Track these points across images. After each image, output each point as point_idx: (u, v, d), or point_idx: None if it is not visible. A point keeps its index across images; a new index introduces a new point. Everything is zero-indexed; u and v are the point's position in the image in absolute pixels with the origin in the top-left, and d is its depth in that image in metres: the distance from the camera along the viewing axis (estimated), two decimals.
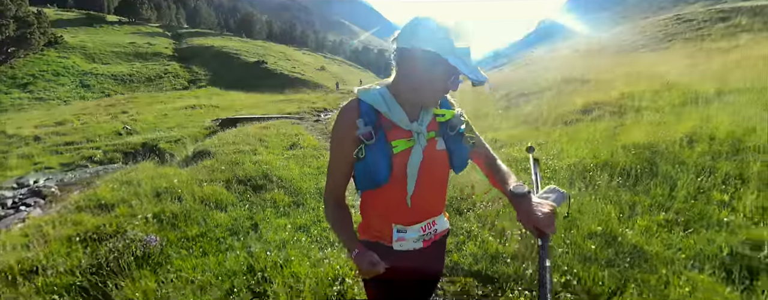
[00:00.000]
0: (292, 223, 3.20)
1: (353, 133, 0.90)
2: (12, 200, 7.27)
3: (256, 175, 4.51)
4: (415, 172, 0.92)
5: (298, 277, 2.25)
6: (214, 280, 2.38)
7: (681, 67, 11.47)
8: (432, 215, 1.01)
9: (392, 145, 0.91)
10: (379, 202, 0.99)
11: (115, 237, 2.95)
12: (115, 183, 4.19)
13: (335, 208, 0.99)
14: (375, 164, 0.89)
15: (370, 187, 0.93)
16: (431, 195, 0.99)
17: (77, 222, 3.29)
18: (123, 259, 2.64)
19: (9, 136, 11.89)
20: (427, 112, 0.95)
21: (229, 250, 2.78)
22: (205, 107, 19.78)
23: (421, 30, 0.83)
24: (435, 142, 0.96)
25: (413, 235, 0.99)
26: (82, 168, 9.49)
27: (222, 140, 6.92)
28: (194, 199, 3.62)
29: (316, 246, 2.74)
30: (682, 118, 3.88)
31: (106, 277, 2.48)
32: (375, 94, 0.93)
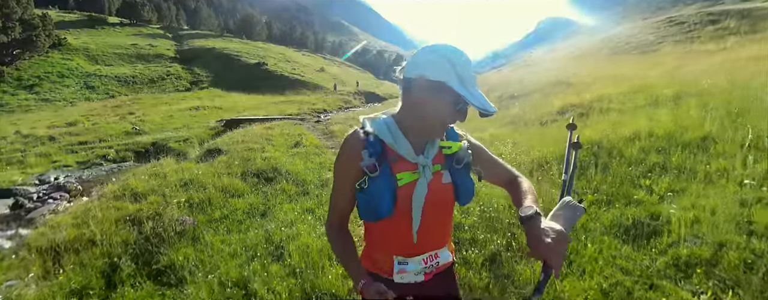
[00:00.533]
0: (300, 207, 3.81)
1: (357, 163, 0.89)
2: (37, 195, 7.88)
3: (266, 169, 5.12)
4: (420, 207, 0.91)
5: (308, 245, 2.86)
6: (240, 250, 2.99)
7: (663, 70, 12.10)
8: (435, 248, 1.00)
9: (397, 177, 0.90)
10: (381, 234, 0.99)
11: (154, 219, 3.56)
12: (144, 176, 4.81)
13: (339, 238, 0.98)
14: (378, 197, 0.88)
15: (372, 219, 0.92)
16: (435, 228, 0.98)
17: (118, 207, 3.90)
18: (165, 235, 3.26)
19: (24, 136, 12.50)
20: (433, 145, 0.94)
21: (250, 229, 3.39)
22: (208, 108, 20.38)
23: (427, 59, 0.83)
24: (440, 175, 0.95)
25: (414, 268, 0.97)
26: (97, 166, 10.09)
27: (232, 139, 7.53)
28: (216, 189, 4.23)
29: (320, 223, 3.35)
30: (636, 118, 4.50)
31: (153, 248, 3.09)
32: (381, 124, 0.93)
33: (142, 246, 3.11)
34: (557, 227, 0.77)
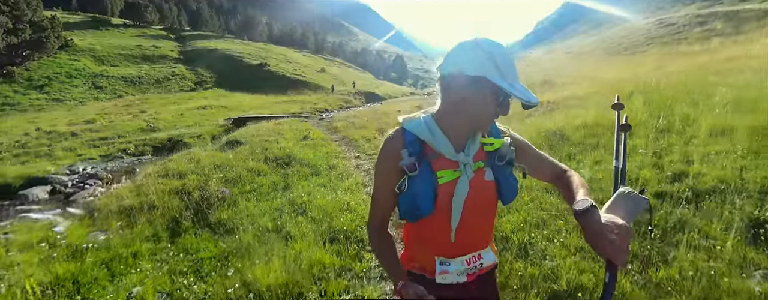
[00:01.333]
0: (314, 182, 4.72)
1: (397, 163, 0.89)
2: (71, 182, 8.80)
3: (282, 156, 6.03)
4: (461, 205, 0.90)
5: (323, 205, 3.77)
6: (270, 211, 3.89)
7: (641, 70, 13.01)
8: (478, 248, 0.98)
9: (437, 175, 0.89)
10: (422, 234, 0.98)
11: (199, 190, 4.47)
12: (182, 160, 5.72)
13: (380, 238, 0.98)
14: (418, 196, 0.88)
15: (412, 218, 0.92)
16: (477, 228, 0.97)
17: (166, 183, 4.80)
18: (209, 201, 4.17)
19: (48, 133, 13.39)
20: (473, 142, 0.92)
21: (275, 198, 4.30)
22: (215, 107, 21.28)
23: (465, 55, 0.82)
24: (483, 172, 0.93)
25: (457, 268, 0.96)
26: (119, 159, 10.99)
27: (248, 133, 8.44)
28: (244, 170, 5.14)
29: (332, 192, 4.25)
30: (589, 111, 5.40)
31: (202, 210, 4.00)
32: (419, 123, 0.92)
33: (193, 208, 4.03)
34: (619, 221, 0.73)
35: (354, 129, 9.85)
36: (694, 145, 3.18)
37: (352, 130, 9.72)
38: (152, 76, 36.50)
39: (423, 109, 1.00)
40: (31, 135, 13.24)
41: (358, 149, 7.35)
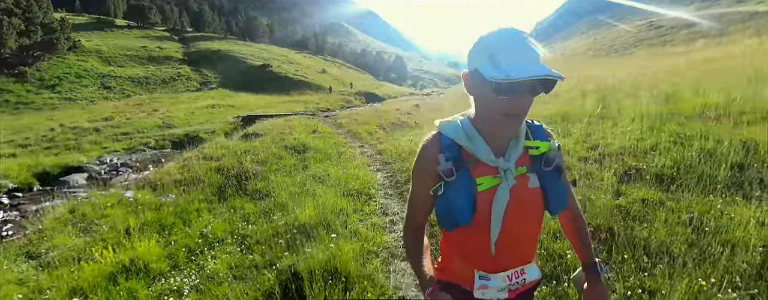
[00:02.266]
0: (328, 164, 5.74)
1: (434, 168, 0.85)
2: (103, 170, 9.82)
3: (297, 145, 7.05)
4: (501, 214, 0.83)
5: (338, 176, 4.79)
6: (295, 183, 4.91)
7: (625, 71, 14.04)
8: (521, 263, 0.91)
9: (476, 182, 0.83)
10: (460, 244, 0.92)
11: (235, 168, 5.49)
12: (213, 147, 6.74)
13: (413, 242, 0.95)
14: (455, 203, 0.83)
15: (449, 227, 0.86)
16: (520, 239, 0.90)
17: (206, 163, 5.82)
18: (245, 176, 5.19)
19: (72, 128, 14.39)
20: (516, 145, 0.85)
21: (297, 174, 5.31)
22: (223, 107, 22.31)
23: (471, 51, 0.80)
24: (526, 178, 0.86)
25: (497, 284, 0.89)
26: (141, 151, 12.00)
27: (264, 127, 9.47)
28: (268, 154, 6.16)
29: (342, 169, 5.27)
30: (557, 106, 6.43)
31: (241, 182, 5.02)
32: (456, 126, 0.87)
33: (233, 181, 5.05)
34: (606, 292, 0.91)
35: (357, 124, 10.86)
36: (616, 126, 4.20)
37: (356, 125, 10.73)
38: (158, 76, 37.54)
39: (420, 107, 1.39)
40: (56, 130, 14.25)
41: (361, 140, 8.36)
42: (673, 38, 25.94)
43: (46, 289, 2.58)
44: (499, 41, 0.75)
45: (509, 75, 0.69)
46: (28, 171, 9.33)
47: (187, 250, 3.16)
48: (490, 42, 0.76)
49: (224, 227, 3.62)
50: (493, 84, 0.72)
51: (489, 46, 0.76)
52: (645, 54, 23.00)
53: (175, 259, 3.00)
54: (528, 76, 0.68)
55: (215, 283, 2.47)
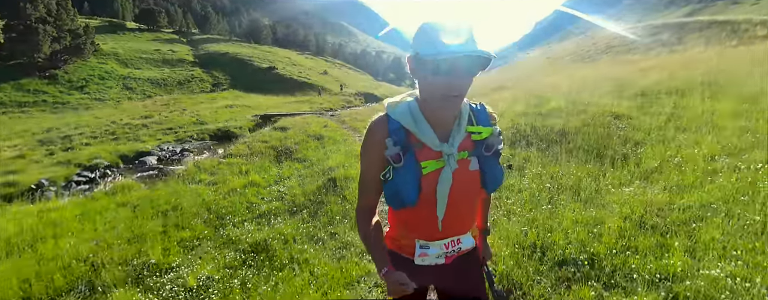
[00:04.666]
0: (339, 146, 9.04)
1: (382, 152, 0.90)
2: (165, 155, 13.08)
3: (315, 134, 10.34)
4: (445, 196, 0.91)
5: (344, 151, 8.09)
6: (320, 154, 8.22)
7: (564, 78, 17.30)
8: (458, 233, 1.02)
9: (421, 166, 0.90)
10: (405, 219, 1.01)
11: (281, 147, 8.80)
12: (257, 136, 10.03)
13: (367, 224, 0.99)
14: (403, 187, 0.89)
15: (396, 207, 0.93)
16: (459, 215, 0.98)
17: (261, 144, 9.12)
18: (289, 150, 8.52)
19: (125, 124, 17.64)
20: (458, 130, 0.91)
21: (319, 150, 8.61)
22: (239, 107, 25.53)
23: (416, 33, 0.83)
24: (467, 162, 0.93)
25: (436, 251, 1.00)
26: (189, 142, 15.26)
27: (287, 123, 12.75)
28: (298, 140, 9.47)
29: (347, 147, 8.56)
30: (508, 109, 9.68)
31: (287, 154, 8.35)
32: (404, 109, 0.91)
33: (282, 153, 8.36)
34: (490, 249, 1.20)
35: (357, 121, 14.14)
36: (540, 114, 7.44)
37: (356, 122, 14.01)
38: (174, 78, 40.75)
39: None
40: (114, 125, 17.53)
41: (359, 133, 11.63)
42: (637, 46, 29.16)
43: (220, 187, 5.88)
44: (438, 25, 0.79)
45: (440, 52, 0.74)
46: (112, 154, 12.62)
47: (272, 180, 6.46)
48: (430, 26, 0.80)
49: (289, 172, 6.93)
50: (429, 63, 0.78)
51: (429, 30, 0.80)
52: (608, 61, 26.11)
53: (269, 182, 6.30)
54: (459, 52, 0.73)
55: (292, 188, 5.76)
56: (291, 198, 5.18)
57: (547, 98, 8.56)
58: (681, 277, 1.85)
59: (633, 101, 7.39)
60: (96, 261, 3.70)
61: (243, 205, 5.04)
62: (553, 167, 4.13)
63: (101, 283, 3.39)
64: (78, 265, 3.72)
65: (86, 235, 4.39)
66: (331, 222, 4.02)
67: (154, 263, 3.64)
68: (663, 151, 3.96)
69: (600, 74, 16.00)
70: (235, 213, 4.81)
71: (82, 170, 11.18)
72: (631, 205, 2.81)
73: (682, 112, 5.81)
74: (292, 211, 4.71)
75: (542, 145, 5.21)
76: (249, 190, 5.68)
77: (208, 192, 5.75)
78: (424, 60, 0.79)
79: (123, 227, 4.50)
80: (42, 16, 33.27)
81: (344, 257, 3.07)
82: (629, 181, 3.45)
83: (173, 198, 5.42)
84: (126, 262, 3.70)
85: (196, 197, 5.46)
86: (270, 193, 5.63)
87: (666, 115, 5.84)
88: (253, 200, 5.25)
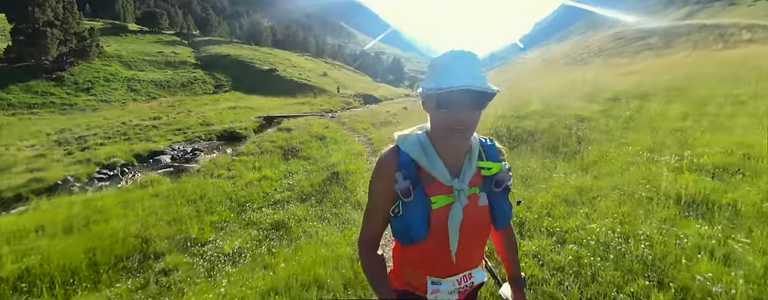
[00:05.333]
0: (339, 145, 9.95)
1: (391, 186, 0.90)
2: (177, 154, 13.95)
3: (318, 135, 11.24)
4: (457, 231, 0.91)
5: (344, 149, 9.00)
6: (323, 152, 9.12)
7: (552, 82, 18.22)
8: (469, 268, 1.01)
9: (431, 201, 0.90)
10: (415, 255, 0.99)
11: (288, 146, 9.70)
12: (265, 136, 10.92)
13: (370, 255, 0.99)
14: (412, 223, 0.89)
15: (406, 242, 0.93)
16: (470, 250, 0.98)
17: (269, 143, 10.02)
18: (295, 149, 9.43)
19: (135, 125, 18.51)
20: (470, 165, 0.93)
21: (321, 150, 9.52)
22: (242, 108, 26.40)
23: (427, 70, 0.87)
24: (477, 198, 0.94)
25: (448, 287, 0.99)
26: (198, 142, 16.12)
27: (291, 124, 13.65)
28: (302, 139, 10.37)
29: (347, 147, 9.47)
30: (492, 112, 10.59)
31: (293, 152, 9.26)
32: (414, 142, 0.92)
33: (289, 151, 9.26)
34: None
35: (356, 123, 15.06)
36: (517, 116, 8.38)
37: (355, 123, 14.92)
38: (177, 80, 41.60)
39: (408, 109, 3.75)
40: (127, 125, 18.40)
41: (358, 134, 12.53)
42: (625, 50, 30.12)
43: (237, 181, 6.78)
44: (445, 61, 0.83)
45: (439, 85, 0.78)
46: (128, 154, 13.49)
47: (282, 174, 7.36)
48: (437, 62, 0.85)
49: (296, 168, 7.83)
50: (432, 98, 0.82)
51: (436, 65, 0.84)
52: (601, 64, 27.07)
53: (280, 176, 7.20)
54: (456, 86, 0.76)
55: (300, 181, 6.66)
56: (300, 189, 6.08)
57: (528, 102, 9.48)
58: (573, 230, 2.75)
59: (601, 105, 8.32)
60: (145, 236, 4.60)
61: (259, 195, 5.95)
62: (516, 161, 5.03)
63: (152, 252, 4.29)
64: (130, 239, 4.62)
65: (131, 218, 5.28)
66: (335, 206, 4.93)
67: (194, 238, 4.55)
68: (605, 148, 4.87)
69: (585, 78, 16.95)
70: (253, 201, 5.71)
71: (101, 168, 12.05)
72: (564, 187, 3.71)
73: (637, 115, 6.72)
74: (302, 198, 5.61)
75: (513, 144, 6.11)
76: (263, 182, 6.58)
77: (227, 184, 6.66)
78: (428, 94, 0.83)
79: (161, 212, 5.40)
80: (49, 19, 34.13)
81: (346, 228, 3.98)
82: (572, 172, 4.36)
83: (199, 189, 6.32)
84: (171, 237, 4.60)
85: (218, 189, 6.36)
86: (281, 185, 6.53)
87: (624, 118, 6.75)
88: (267, 191, 6.15)
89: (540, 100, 9.52)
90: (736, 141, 4.16)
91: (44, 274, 4.10)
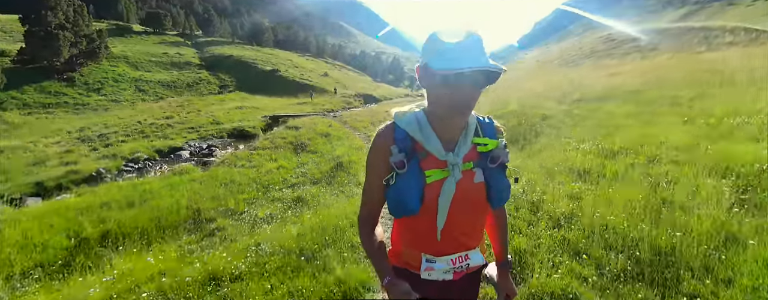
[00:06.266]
0: (342, 141, 11.31)
1: (387, 159, 0.91)
2: (195, 151, 15.31)
3: (323, 132, 12.60)
4: (447, 206, 0.91)
5: (347, 144, 10.37)
6: (328, 147, 10.49)
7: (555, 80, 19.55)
8: (465, 248, 1.01)
9: (426, 174, 0.91)
10: (409, 230, 1.01)
11: (297, 141, 11.06)
12: (278, 133, 12.28)
13: (369, 232, 1.00)
14: (405, 193, 0.90)
15: (398, 214, 0.94)
16: (465, 228, 0.98)
17: (280, 139, 11.38)
18: (304, 144, 10.80)
19: (151, 124, 19.85)
20: (465, 141, 0.93)
21: (327, 145, 10.88)
22: (248, 108, 27.73)
23: (425, 43, 0.85)
24: (473, 173, 0.94)
25: (442, 266, 0.99)
26: (210, 140, 17.47)
27: (298, 123, 15.01)
28: (309, 136, 11.73)
29: (349, 142, 10.83)
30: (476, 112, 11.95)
31: (301, 147, 10.63)
32: (411, 119, 0.93)
33: (299, 146, 10.63)
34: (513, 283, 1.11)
35: (356, 121, 16.42)
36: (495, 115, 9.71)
37: (356, 122, 16.28)
38: (183, 81, 42.93)
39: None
40: (142, 124, 19.76)
41: (358, 131, 13.89)
42: (615, 52, 31.43)
43: (259, 169, 8.15)
44: (447, 35, 0.81)
45: (451, 66, 0.76)
46: (149, 149, 14.85)
47: (295, 164, 8.72)
48: (439, 36, 0.82)
49: (306, 160, 9.19)
50: (438, 75, 0.79)
51: (437, 40, 0.82)
52: (591, 66, 28.36)
53: (293, 166, 8.56)
54: (468, 67, 0.74)
55: (311, 169, 8.02)
56: (311, 175, 7.45)
57: (508, 102, 10.84)
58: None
59: (568, 106, 9.66)
60: (196, 207, 5.96)
61: (279, 179, 7.31)
62: None
63: (204, 218, 5.66)
64: (183, 210, 5.98)
65: (177, 196, 6.65)
66: (341, 185, 6.29)
67: (232, 209, 5.91)
68: (551, 140, 6.22)
69: (567, 80, 18.29)
70: (274, 184, 7.08)
71: (127, 162, 13.43)
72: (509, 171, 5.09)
73: (591, 114, 8.06)
74: (314, 182, 6.97)
75: None
76: (280, 170, 7.96)
77: (251, 172, 8.03)
78: (432, 71, 0.81)
79: (202, 192, 6.76)
80: (61, 22, 35.45)
81: (351, 198, 5.33)
82: (523, 159, 5.71)
83: (228, 175, 7.69)
84: (214, 209, 5.97)
85: (244, 175, 7.73)
86: (295, 172, 7.90)
87: (581, 117, 8.09)
88: (285, 176, 7.52)
89: (518, 100, 10.86)
90: (647, 133, 5.50)
91: (121, 234, 5.48)
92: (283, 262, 3.05)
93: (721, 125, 5.29)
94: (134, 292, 3.09)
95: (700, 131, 5.03)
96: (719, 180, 3.00)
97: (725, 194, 2.70)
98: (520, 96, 11.95)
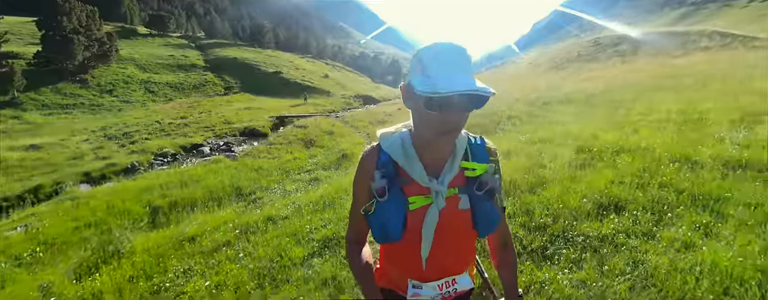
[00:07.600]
0: (346, 138, 13.25)
1: (369, 183, 0.89)
2: (214, 147, 17.22)
3: (328, 130, 14.54)
4: (431, 234, 0.89)
5: (350, 141, 12.31)
6: (334, 142, 12.43)
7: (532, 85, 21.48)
8: (452, 274, 0.98)
9: (409, 201, 0.88)
10: (395, 255, 0.99)
11: (307, 138, 13.01)
12: (288, 130, 14.22)
13: (356, 254, 1.00)
14: (387, 222, 0.87)
15: (381, 242, 0.92)
16: (451, 254, 0.95)
17: (292, 136, 13.32)
18: (314, 140, 12.75)
19: (169, 124, 21.73)
20: (451, 166, 0.89)
21: (332, 141, 12.82)
22: (254, 109, 29.60)
23: (411, 61, 0.81)
24: (457, 200, 0.90)
25: (429, 293, 0.97)
26: (225, 138, 19.34)
27: (305, 123, 16.94)
28: (316, 134, 13.67)
29: (352, 138, 12.79)
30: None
31: (312, 142, 12.58)
32: (396, 142, 0.90)
33: (309, 142, 12.58)
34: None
35: (357, 121, 18.36)
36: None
37: (356, 121, 18.23)
38: (190, 82, 44.77)
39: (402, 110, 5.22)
40: (161, 123, 21.65)
41: (359, 130, 15.82)
42: (599, 56, 33.38)
43: (279, 159, 10.10)
44: (434, 55, 0.76)
45: (436, 89, 0.70)
46: (174, 145, 16.75)
47: (307, 156, 10.65)
48: (425, 55, 0.77)
49: (316, 153, 11.13)
50: (423, 98, 0.73)
51: (423, 59, 0.77)
52: (575, 69, 30.23)
53: (306, 158, 10.49)
54: (454, 90, 0.69)
55: (321, 160, 9.96)
56: (322, 164, 9.38)
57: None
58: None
59: (535, 108, 11.60)
60: (237, 185, 7.89)
61: (296, 167, 9.24)
62: None
63: (244, 192, 7.60)
64: (227, 188, 7.90)
65: (221, 178, 8.57)
66: (346, 170, 8.21)
67: (265, 186, 7.84)
68: (507, 135, 8.14)
69: (549, 83, 20.24)
70: (294, 170, 9.01)
71: (156, 156, 15.34)
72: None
73: (547, 115, 10.00)
74: (325, 168, 8.90)
75: None
76: (297, 160, 9.89)
77: (273, 161, 9.96)
78: (418, 94, 0.75)
79: (238, 175, 8.69)
80: (75, 27, 37.29)
81: None
82: None
83: (255, 164, 9.61)
84: (250, 186, 7.89)
85: (269, 164, 9.66)
86: (309, 162, 9.83)
87: (536, 116, 10.03)
88: (301, 165, 9.45)
89: (491, 103, 12.81)
90: (571, 128, 7.43)
91: (186, 203, 7.39)
92: (315, 208, 4.97)
93: (627, 121, 7.23)
94: (217, 230, 4.99)
95: (607, 126, 6.96)
96: (578, 154, 4.93)
97: (572, 159, 4.64)
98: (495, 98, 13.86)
